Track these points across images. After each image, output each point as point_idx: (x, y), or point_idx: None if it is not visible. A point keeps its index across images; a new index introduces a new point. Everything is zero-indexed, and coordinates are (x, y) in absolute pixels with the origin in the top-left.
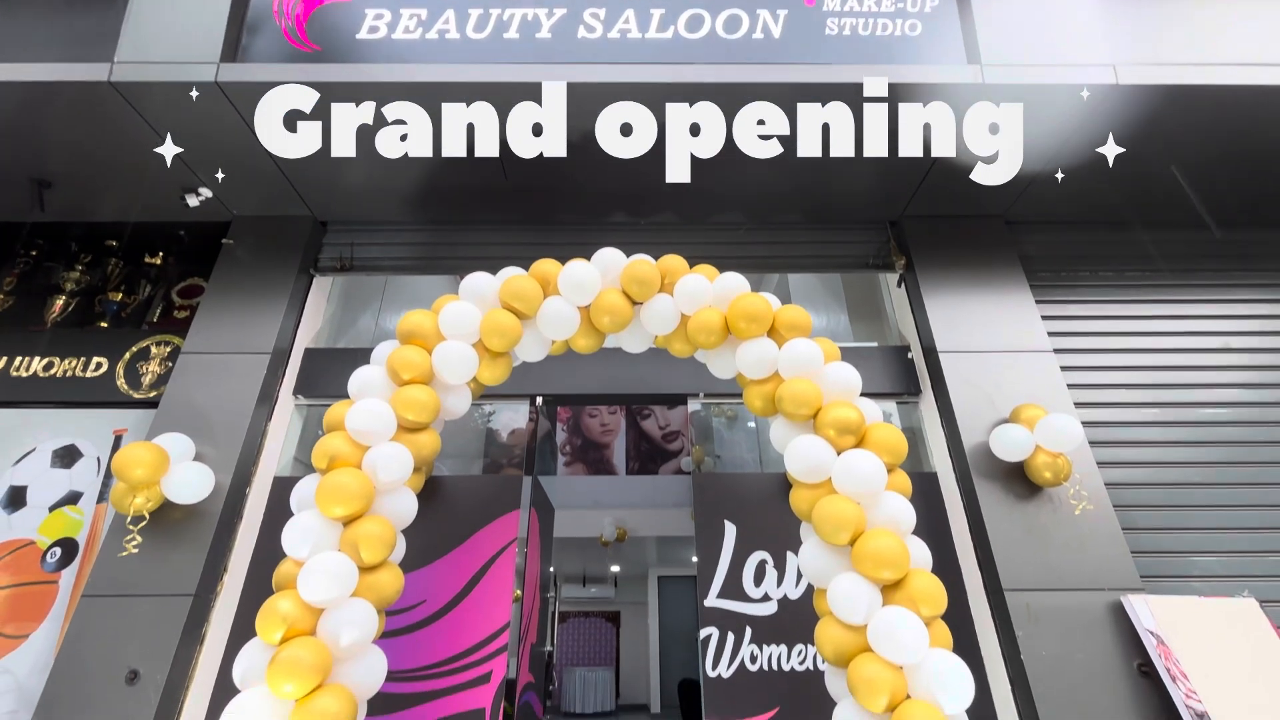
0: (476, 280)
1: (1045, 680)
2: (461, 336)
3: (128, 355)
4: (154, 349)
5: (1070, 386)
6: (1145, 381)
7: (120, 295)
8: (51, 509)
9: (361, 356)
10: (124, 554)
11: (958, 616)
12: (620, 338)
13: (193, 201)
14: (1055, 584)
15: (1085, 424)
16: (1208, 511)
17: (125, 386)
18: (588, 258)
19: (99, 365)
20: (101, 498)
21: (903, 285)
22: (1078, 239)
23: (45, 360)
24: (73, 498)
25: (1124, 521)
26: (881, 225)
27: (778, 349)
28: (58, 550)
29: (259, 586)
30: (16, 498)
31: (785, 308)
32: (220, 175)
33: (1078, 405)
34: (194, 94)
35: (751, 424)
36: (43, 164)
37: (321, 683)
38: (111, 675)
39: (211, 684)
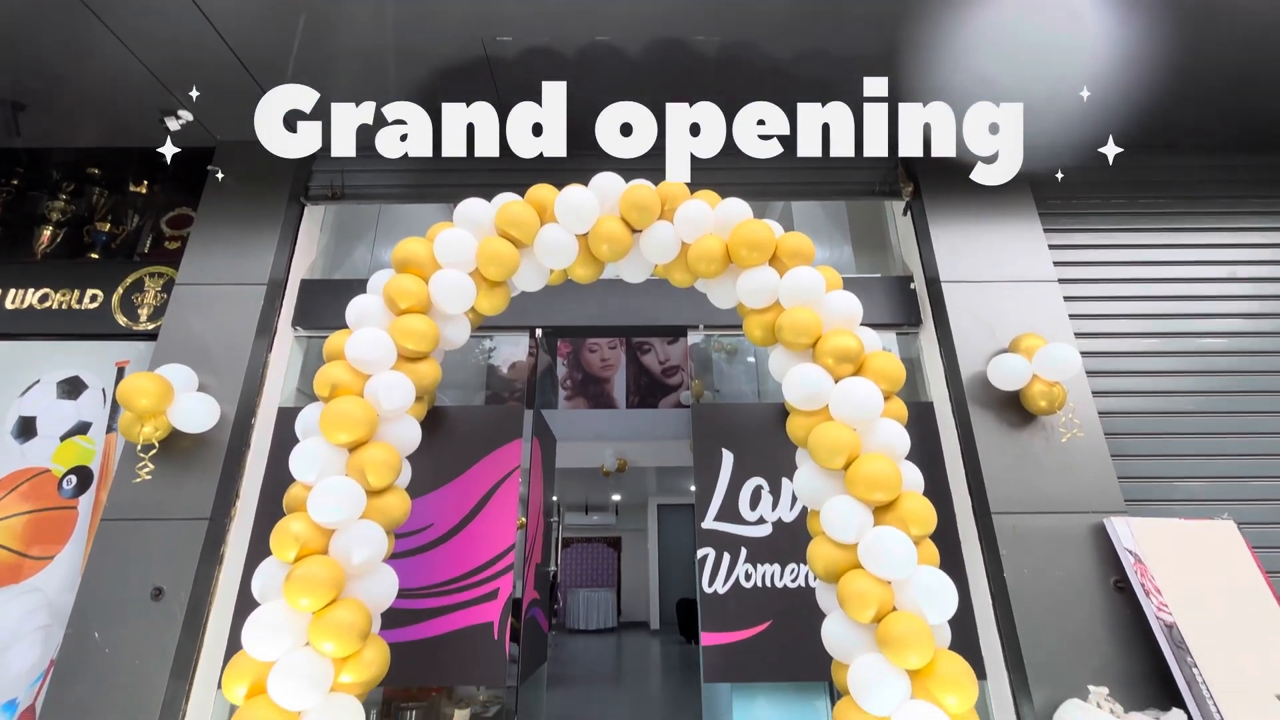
0: (471, 207)
1: (1024, 595)
2: (458, 265)
3: (122, 287)
4: (148, 281)
5: (1072, 317)
6: (1148, 311)
7: (109, 226)
8: (62, 438)
9: (358, 287)
10: (138, 480)
11: (946, 538)
12: (619, 267)
13: (173, 125)
14: (1041, 507)
15: (1085, 354)
16: (1196, 439)
17: (123, 318)
18: (585, 184)
19: (94, 297)
20: (110, 428)
21: (909, 214)
22: (1091, 164)
23: (40, 292)
24: (82, 428)
25: (1114, 448)
26: (889, 151)
27: (779, 278)
28: (73, 478)
29: (271, 510)
30: (27, 428)
31: (788, 235)
32: (195, 94)
33: (1079, 335)
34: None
35: (751, 358)
36: (14, 84)
37: (336, 597)
38: (137, 592)
39: (233, 600)
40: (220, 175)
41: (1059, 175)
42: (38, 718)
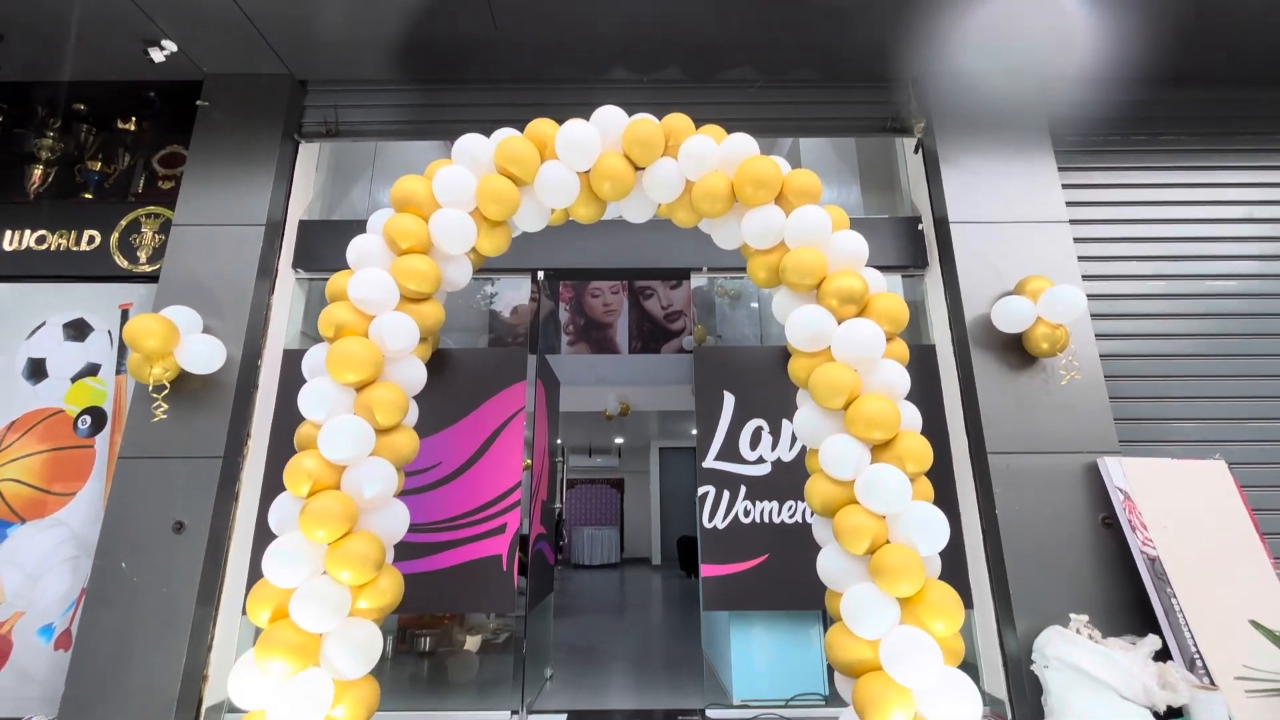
0: (470, 143)
1: (1014, 531)
2: (457, 204)
3: (119, 228)
4: (144, 222)
5: (1082, 259)
6: (1160, 253)
7: (100, 165)
8: (73, 380)
9: (357, 228)
10: (155, 420)
11: (942, 477)
12: (622, 206)
13: (157, 56)
14: (1036, 447)
15: (1091, 296)
16: (1196, 381)
17: (122, 260)
18: (587, 118)
19: (92, 239)
20: (120, 369)
21: (920, 151)
22: (1111, 99)
23: (37, 234)
24: (91, 369)
25: (1113, 391)
26: (903, 84)
27: (784, 217)
28: (87, 418)
29: (281, 449)
30: (37, 369)
31: (795, 172)
32: (173, 23)
33: (1086, 278)
34: None
35: (755, 304)
36: None
37: (350, 530)
38: (159, 526)
39: (251, 533)
40: (207, 105)
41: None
42: (74, 641)
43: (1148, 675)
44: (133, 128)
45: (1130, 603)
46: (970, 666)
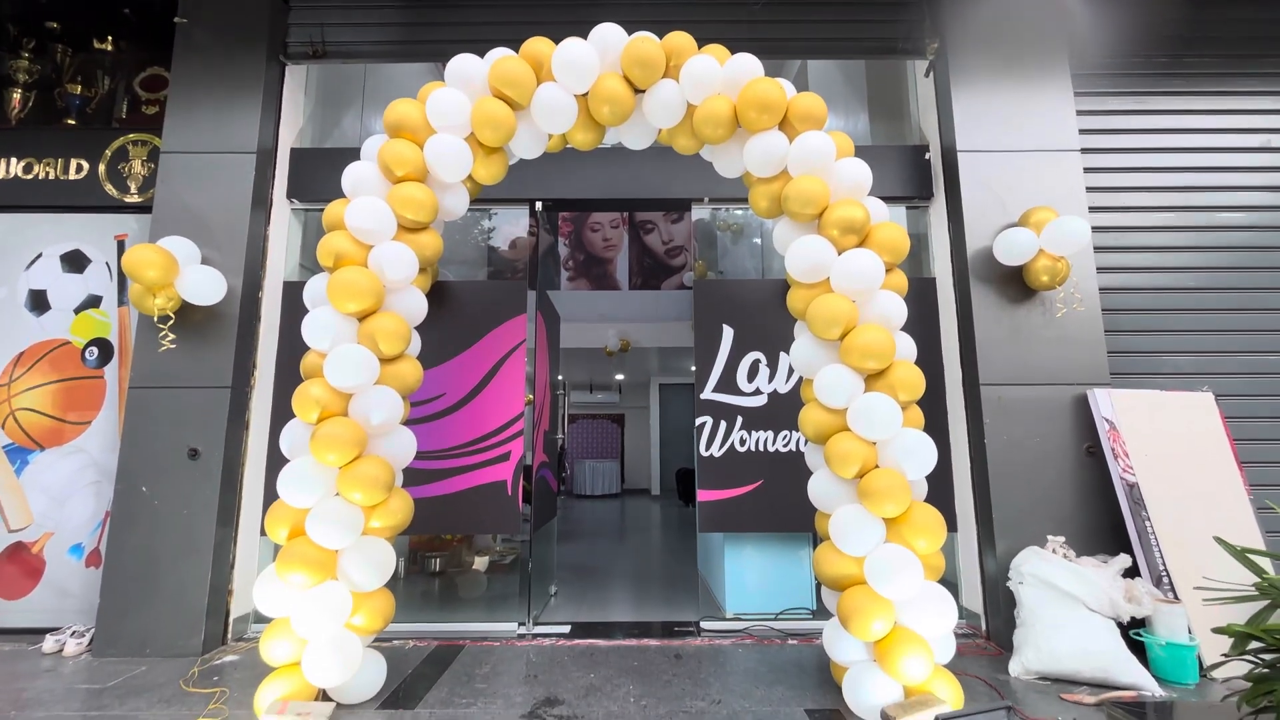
0: (463, 64)
1: (1000, 459)
2: (452, 129)
3: (106, 155)
4: (131, 149)
5: (1090, 190)
6: (1171, 184)
7: (80, 88)
8: (76, 311)
9: (351, 157)
10: (162, 350)
11: (935, 408)
12: (621, 132)
13: None
14: (1029, 379)
15: (1097, 228)
16: (1192, 314)
17: (113, 190)
18: (585, 37)
19: (80, 167)
20: (122, 301)
21: (931, 74)
22: (1136, 17)
23: (23, 162)
24: (93, 301)
25: (1109, 323)
26: (916, 2)
27: (788, 144)
28: (94, 349)
29: (287, 380)
30: (39, 301)
31: (799, 96)
32: None
33: (1094, 209)
34: None
35: (757, 239)
36: None
37: (360, 454)
38: (175, 452)
39: (263, 459)
40: (185, 22)
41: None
42: (104, 559)
43: (1115, 590)
44: (110, 48)
45: (1106, 526)
46: (950, 584)
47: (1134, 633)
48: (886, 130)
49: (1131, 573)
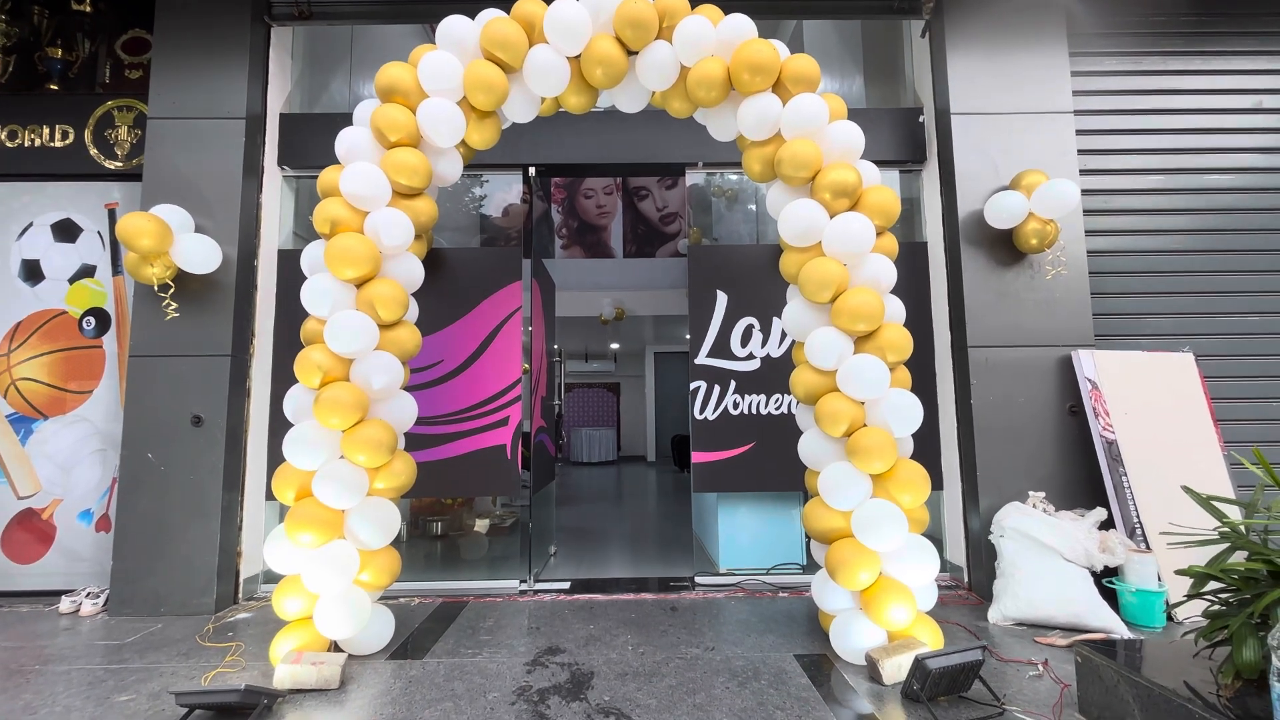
0: (454, 25)
1: (986, 419)
2: (444, 92)
3: (92, 121)
4: (117, 115)
5: (1082, 152)
6: (1162, 145)
7: (60, 52)
8: (71, 281)
9: (342, 122)
10: (168, 318)
11: (923, 371)
12: (614, 95)
13: None
14: (1015, 341)
15: (1086, 191)
16: (1176, 276)
17: (100, 157)
18: None
19: (65, 134)
20: (117, 271)
21: (927, 35)
22: None
23: (6, 129)
24: (88, 270)
25: (1096, 286)
26: None
27: (781, 106)
28: (91, 319)
29: (286, 348)
30: (33, 271)
31: (793, 57)
32: None
33: (1085, 172)
34: None
35: (752, 206)
36: None
37: (362, 418)
38: (178, 419)
39: (266, 426)
40: None
41: None
42: (114, 524)
43: (1090, 541)
44: (88, 8)
45: (1086, 481)
46: (935, 539)
47: (1107, 581)
48: (882, 93)
49: (1107, 525)
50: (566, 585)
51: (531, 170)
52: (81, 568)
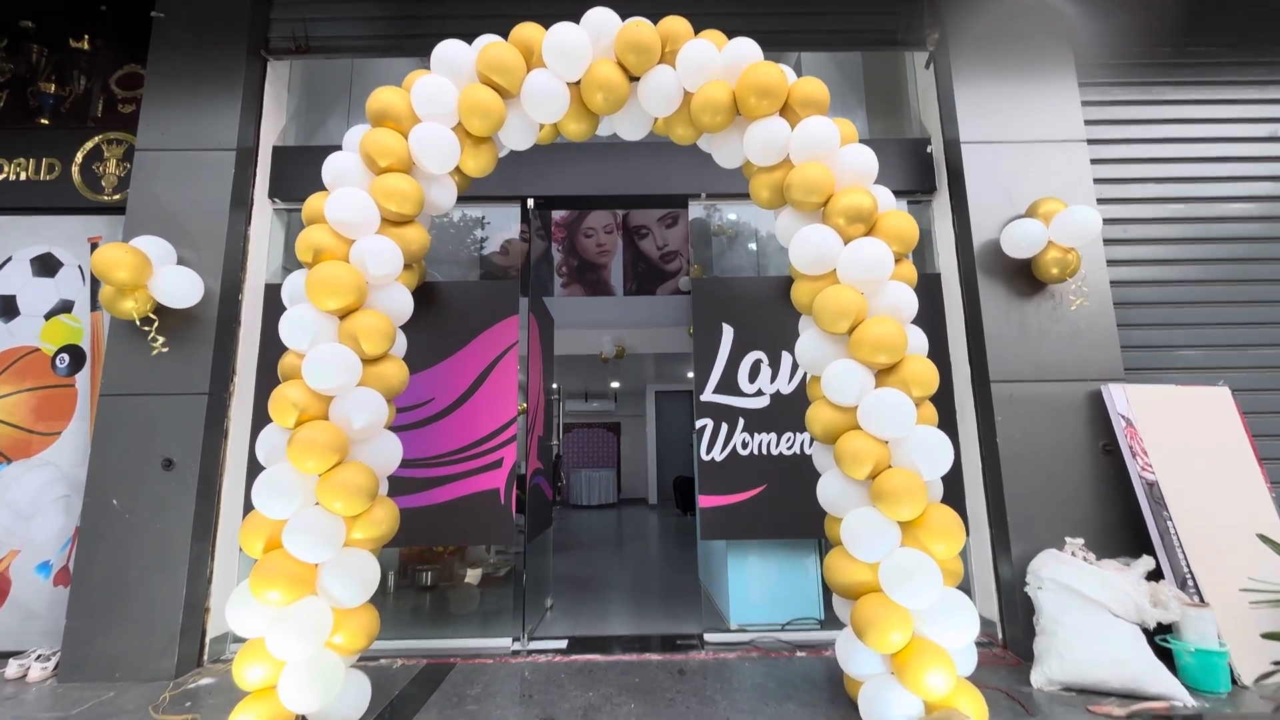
0: (450, 50)
1: (1014, 458)
2: (439, 117)
3: (80, 155)
4: (106, 149)
5: (1098, 181)
6: (1179, 175)
7: (54, 87)
8: (47, 317)
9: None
10: (154, 353)
11: (943, 406)
12: (615, 121)
13: None
14: (1041, 375)
15: (1104, 221)
16: (1205, 307)
17: (86, 190)
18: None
19: (52, 167)
20: (95, 306)
21: (931, 66)
22: (1138, 8)
23: None
24: (65, 306)
25: (1121, 317)
26: None
27: (790, 130)
28: (65, 356)
29: (269, 386)
30: (8, 307)
31: (801, 80)
32: None
33: (1101, 201)
34: None
35: (753, 244)
36: None
37: (340, 460)
38: (147, 463)
39: (244, 469)
40: (163, 16)
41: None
42: (73, 576)
43: (1140, 594)
44: (86, 46)
45: (1126, 527)
46: (963, 590)
47: (1160, 639)
48: (884, 125)
49: (1155, 575)
50: (564, 644)
51: (530, 202)
52: (35, 625)
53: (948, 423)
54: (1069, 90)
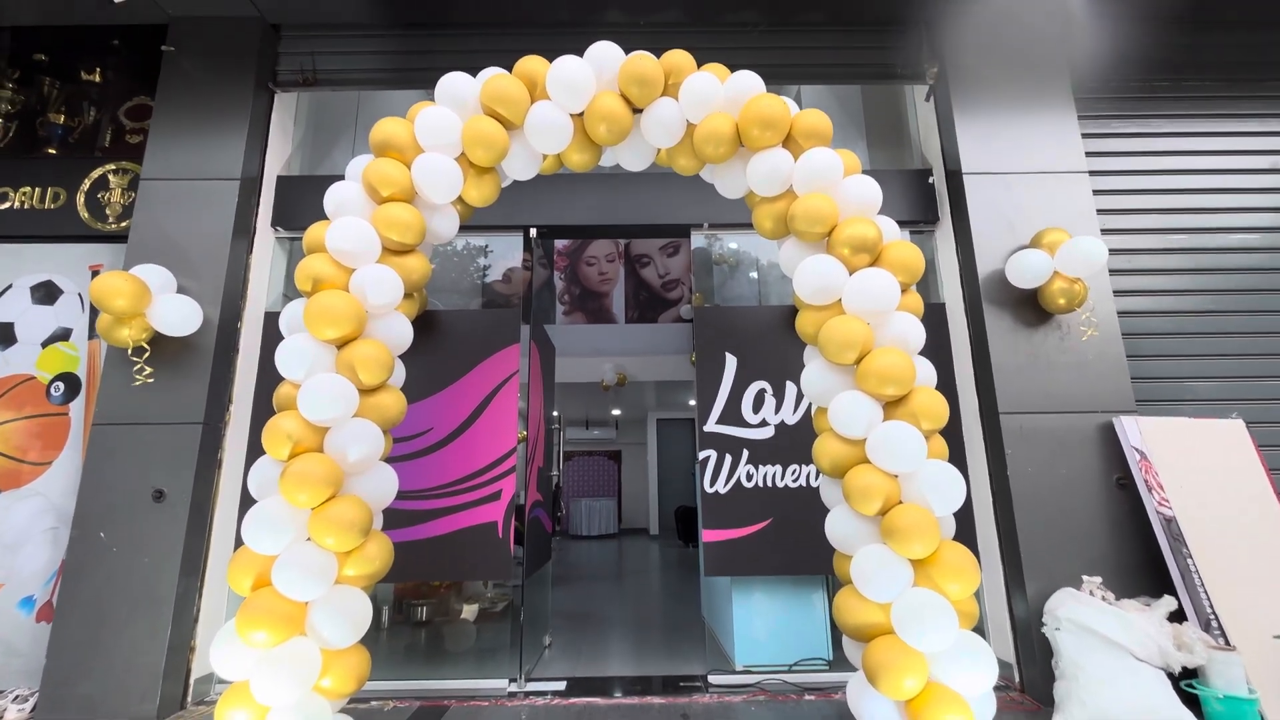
0: (454, 82)
1: (1026, 492)
2: (442, 148)
3: (86, 184)
4: (112, 178)
5: (1100, 211)
6: (1182, 205)
7: (63, 118)
8: (44, 345)
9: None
10: (137, 384)
11: (950, 438)
12: (618, 152)
13: None
14: (1050, 407)
15: (1111, 251)
16: (1215, 338)
17: (90, 219)
18: (580, 55)
19: (57, 196)
20: (93, 334)
21: (931, 99)
22: (1134, 42)
23: None
24: (63, 334)
25: (1130, 348)
26: (915, 27)
27: (793, 161)
28: (60, 384)
29: (266, 415)
30: (5, 334)
31: (804, 112)
32: None
33: (1105, 231)
34: None
35: (754, 274)
36: None
37: (334, 494)
38: (138, 494)
39: (236, 501)
40: (173, 50)
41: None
42: (55, 613)
43: (1163, 636)
44: (97, 79)
45: (1144, 564)
46: (977, 630)
47: (1186, 684)
48: (885, 157)
49: (1177, 616)
50: (562, 686)
51: (533, 231)
52: (16, 664)
53: (956, 455)
54: (1068, 122)
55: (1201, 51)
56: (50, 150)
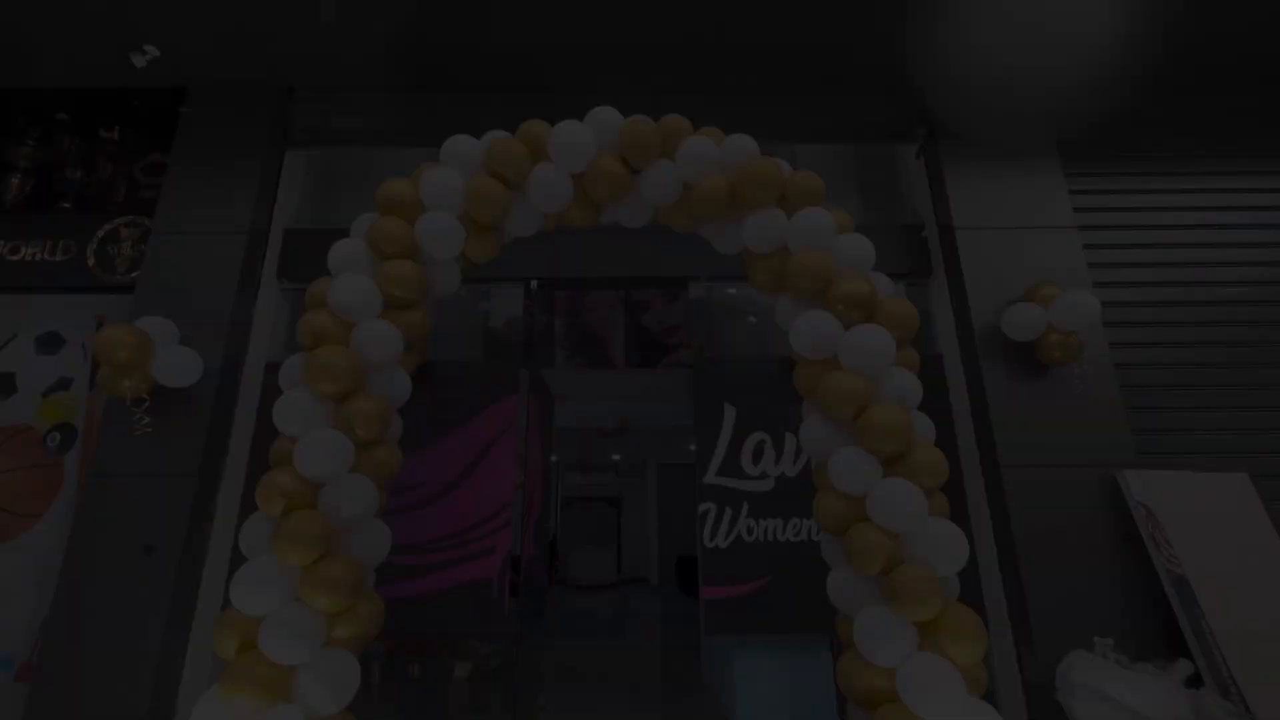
0: (459, 144)
1: (1031, 549)
2: (445, 206)
3: (97, 238)
4: (124, 231)
5: (1092, 266)
6: (1171, 260)
7: (80, 174)
8: (44, 395)
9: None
10: (137, 434)
11: (952, 494)
12: (617, 210)
13: (139, 61)
14: (1052, 460)
15: (1103, 304)
16: (1214, 391)
17: (98, 270)
18: (580, 119)
19: (68, 248)
20: (93, 384)
21: (921, 157)
22: (1118, 105)
23: (9, 244)
24: (63, 384)
25: (1128, 400)
26: (904, 90)
27: (787, 220)
28: (57, 435)
29: (262, 469)
30: (6, 384)
31: (797, 173)
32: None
33: (1098, 285)
34: None
35: (753, 318)
36: None
37: (326, 552)
38: (127, 550)
39: (228, 558)
40: (191, 112)
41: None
42: (33, 675)
43: (1182, 704)
44: (115, 136)
45: (1156, 625)
46: (986, 695)
47: None
48: (879, 214)
49: (1194, 681)
50: None
51: (533, 283)
52: None
53: (958, 510)
54: (1056, 180)
55: (1184, 114)
56: (65, 205)
